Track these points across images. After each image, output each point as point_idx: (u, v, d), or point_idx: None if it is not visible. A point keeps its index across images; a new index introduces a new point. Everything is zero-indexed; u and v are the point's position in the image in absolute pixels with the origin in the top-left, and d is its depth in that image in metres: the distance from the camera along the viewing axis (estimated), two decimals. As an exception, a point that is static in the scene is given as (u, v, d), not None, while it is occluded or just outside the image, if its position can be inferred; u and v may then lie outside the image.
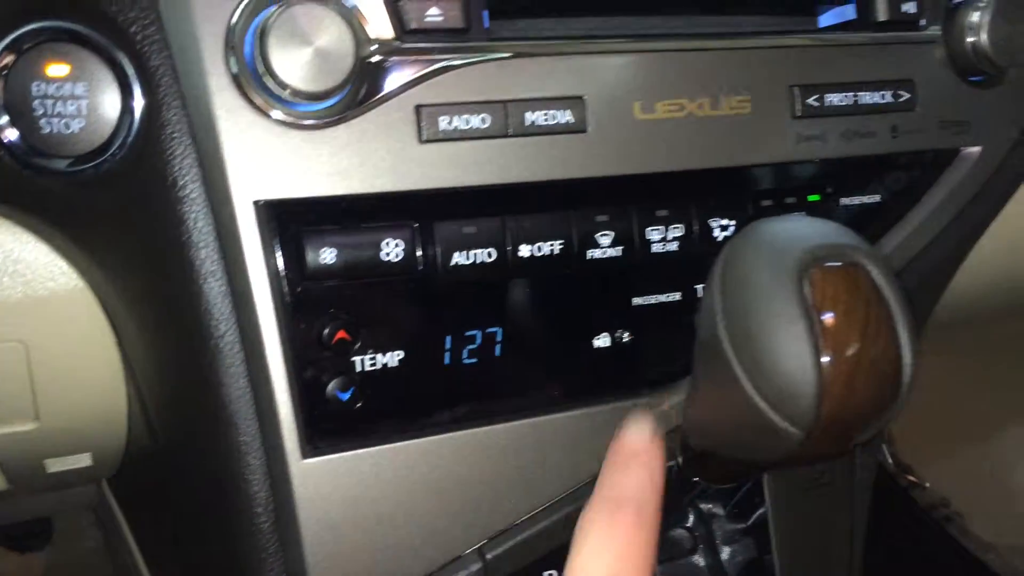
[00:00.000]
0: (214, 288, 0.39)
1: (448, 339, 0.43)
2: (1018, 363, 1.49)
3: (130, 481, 0.60)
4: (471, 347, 0.44)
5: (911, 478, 1.75)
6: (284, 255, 0.39)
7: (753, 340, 0.35)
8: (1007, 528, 1.57)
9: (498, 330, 0.44)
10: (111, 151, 0.39)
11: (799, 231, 0.36)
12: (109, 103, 0.39)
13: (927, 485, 1.73)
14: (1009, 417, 1.56)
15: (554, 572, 0.45)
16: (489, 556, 0.43)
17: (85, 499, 0.71)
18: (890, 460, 1.81)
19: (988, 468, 1.58)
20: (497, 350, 0.44)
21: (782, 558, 0.50)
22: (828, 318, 0.34)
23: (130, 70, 0.39)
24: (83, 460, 0.51)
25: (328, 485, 0.40)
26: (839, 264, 0.35)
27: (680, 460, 0.45)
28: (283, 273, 0.39)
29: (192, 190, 0.38)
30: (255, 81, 0.38)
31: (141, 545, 0.63)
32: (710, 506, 0.52)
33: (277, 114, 0.38)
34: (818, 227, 0.37)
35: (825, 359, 0.34)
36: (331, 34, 0.38)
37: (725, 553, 0.53)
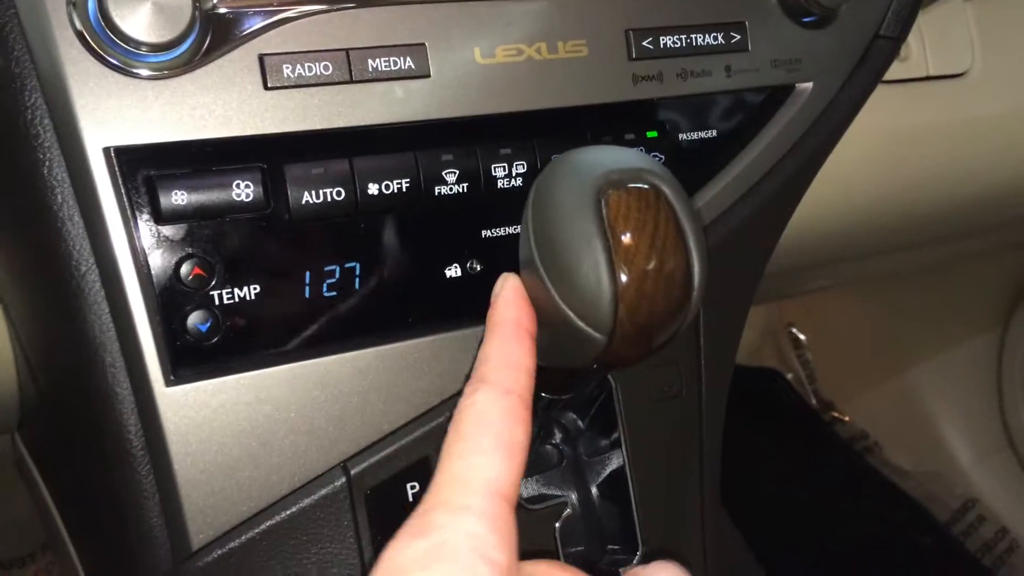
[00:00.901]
0: (72, 231, 0.42)
1: (307, 274, 0.46)
2: (928, 294, 1.56)
3: (35, 432, 0.63)
4: (330, 281, 0.47)
5: (834, 414, 1.83)
6: (137, 198, 0.42)
7: (559, 257, 0.39)
8: (924, 455, 1.66)
9: (356, 264, 0.48)
10: None
11: (599, 158, 0.40)
12: (-38, 61, 0.41)
13: (847, 419, 1.81)
14: (922, 348, 1.64)
15: (416, 484, 0.49)
16: (352, 471, 0.47)
17: (3, 451, 0.74)
18: (813, 399, 1.89)
19: (905, 399, 1.66)
20: (356, 283, 0.48)
21: (636, 470, 0.55)
22: (622, 235, 0.38)
23: None
24: (-24, 411, 0.54)
25: (192, 411, 0.44)
26: (633, 186, 0.39)
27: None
28: (137, 215, 0.42)
29: (45, 139, 0.41)
30: (99, 35, 0.41)
31: (53, 492, 0.66)
32: (574, 418, 0.57)
33: (123, 66, 0.41)
34: (617, 154, 0.41)
35: (619, 271, 0.38)
36: (168, -12, 0.40)
37: (590, 465, 0.57)
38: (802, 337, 1.81)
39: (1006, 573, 1.49)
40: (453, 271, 0.49)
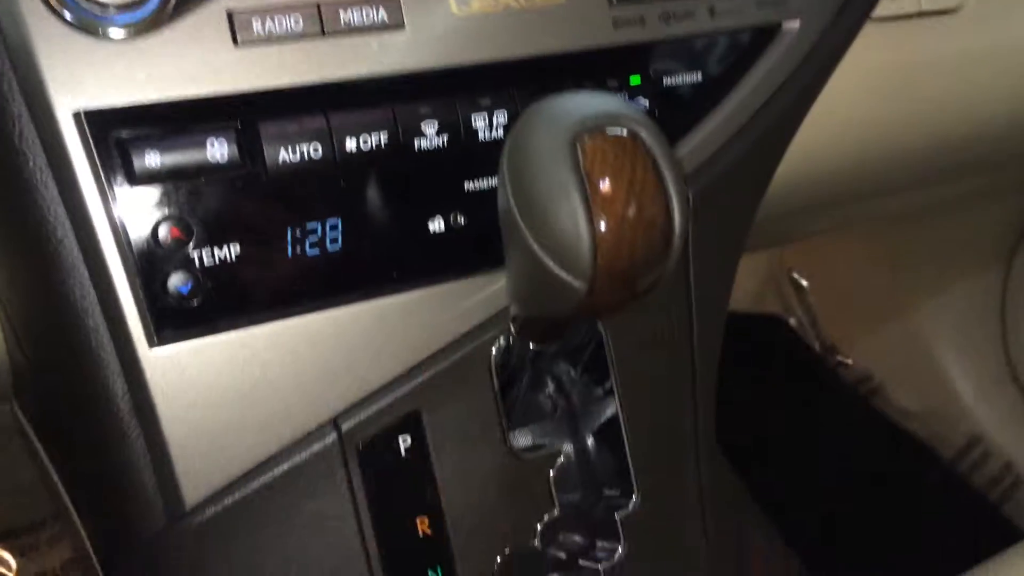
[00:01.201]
0: (46, 196, 0.41)
1: (288, 232, 0.46)
2: (930, 235, 1.56)
3: (30, 399, 0.64)
4: (312, 238, 0.47)
5: (837, 357, 1.83)
6: (110, 161, 0.42)
7: (536, 205, 0.39)
8: (928, 394, 1.67)
9: (338, 221, 0.47)
10: None
11: (575, 105, 0.40)
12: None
13: (850, 362, 1.82)
14: (925, 289, 1.63)
15: (407, 435, 0.49)
16: (343, 426, 0.48)
17: (3, 420, 0.74)
18: (817, 343, 1.89)
19: (908, 339, 1.66)
20: (339, 240, 0.47)
21: (628, 416, 0.55)
22: (599, 181, 0.38)
23: None
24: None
25: (178, 371, 0.44)
26: (609, 132, 0.38)
27: (514, 329, 0.50)
28: (111, 178, 0.42)
29: (14, 105, 0.41)
30: (64, -3, 0.40)
31: (53, 458, 0.67)
32: (566, 367, 0.57)
33: (90, 28, 0.40)
34: (592, 100, 0.40)
35: (597, 218, 0.38)
36: (130, -54, 0.40)
37: (583, 413, 0.57)
38: (804, 282, 1.80)
39: (1011, 507, 1.51)
40: (436, 225, 0.49)
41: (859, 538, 1.43)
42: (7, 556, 1.26)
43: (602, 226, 0.38)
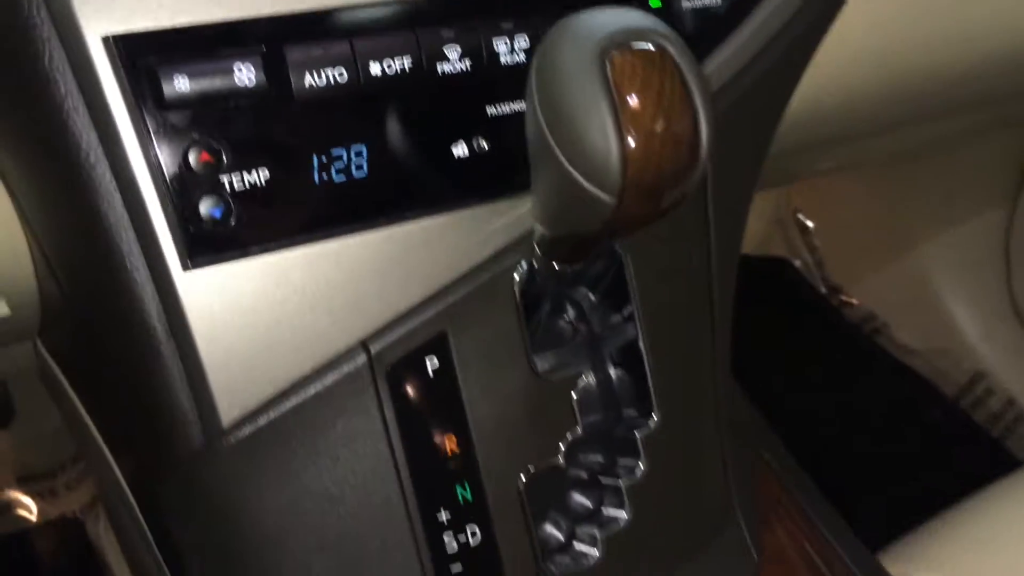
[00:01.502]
0: (77, 121, 0.42)
1: (315, 157, 0.47)
2: (935, 174, 1.55)
3: (59, 335, 0.65)
4: (338, 164, 0.47)
5: (842, 298, 1.84)
6: (140, 86, 0.42)
7: (565, 120, 0.39)
8: (932, 332, 1.67)
9: (363, 146, 0.48)
10: None
11: (603, 20, 0.40)
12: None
13: (855, 302, 1.82)
14: (929, 228, 1.64)
15: (435, 356, 0.50)
16: (373, 349, 0.49)
17: (26, 362, 0.75)
18: (822, 285, 1.89)
19: (912, 278, 1.67)
20: (364, 165, 0.48)
21: (648, 338, 0.56)
22: (627, 96, 0.38)
23: None
24: (0, 308, 0.55)
25: (212, 294, 0.45)
26: (637, 46, 0.39)
27: (539, 250, 0.50)
28: (142, 103, 0.42)
29: (43, 30, 0.41)
30: (89, -81, 0.40)
31: (81, 395, 0.68)
32: (586, 293, 0.58)
33: (114, -50, 0.40)
34: (620, 16, 0.40)
35: (626, 133, 0.38)
36: None
37: (603, 338, 0.58)
38: (809, 224, 1.81)
39: (1013, 442, 1.53)
40: (460, 150, 0.49)
41: (862, 475, 1.46)
42: (27, 500, 1.28)
43: (631, 141, 0.38)
